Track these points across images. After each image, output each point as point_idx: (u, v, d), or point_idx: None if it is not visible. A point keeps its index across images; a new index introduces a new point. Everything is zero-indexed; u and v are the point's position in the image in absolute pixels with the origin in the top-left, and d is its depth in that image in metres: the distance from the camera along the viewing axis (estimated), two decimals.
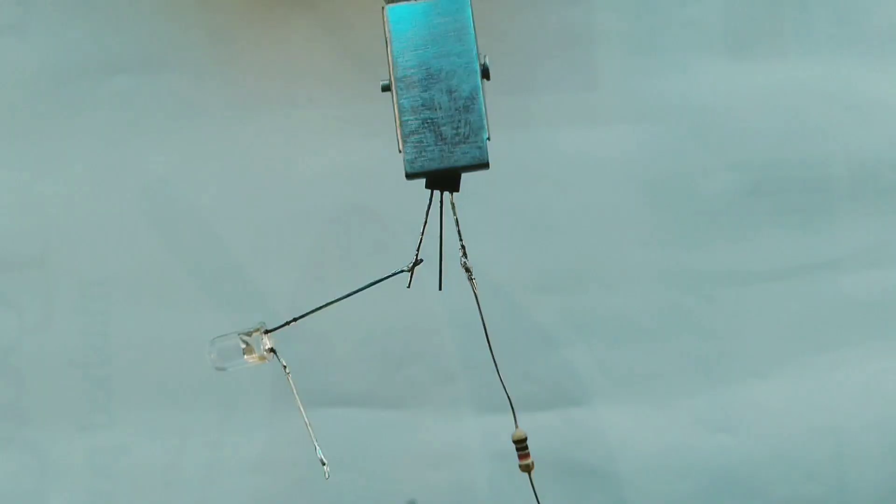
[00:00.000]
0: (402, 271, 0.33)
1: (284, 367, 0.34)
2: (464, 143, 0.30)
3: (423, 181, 0.31)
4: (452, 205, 0.32)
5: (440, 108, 0.30)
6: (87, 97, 0.48)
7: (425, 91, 0.30)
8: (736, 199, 0.48)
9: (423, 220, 0.32)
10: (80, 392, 0.48)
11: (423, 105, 0.30)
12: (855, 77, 0.48)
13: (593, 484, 0.48)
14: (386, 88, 0.31)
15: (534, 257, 0.48)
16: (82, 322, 0.48)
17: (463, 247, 0.33)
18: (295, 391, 0.34)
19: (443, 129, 0.30)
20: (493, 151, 0.30)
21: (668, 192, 0.48)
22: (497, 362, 0.34)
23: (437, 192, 0.32)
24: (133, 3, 0.48)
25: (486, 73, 0.30)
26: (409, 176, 0.30)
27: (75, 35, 0.48)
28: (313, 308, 0.34)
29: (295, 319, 0.34)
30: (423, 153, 0.30)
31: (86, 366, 0.48)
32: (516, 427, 0.34)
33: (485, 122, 0.30)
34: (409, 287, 0.33)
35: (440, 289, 0.34)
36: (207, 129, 0.48)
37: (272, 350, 0.34)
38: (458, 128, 0.30)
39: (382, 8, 0.30)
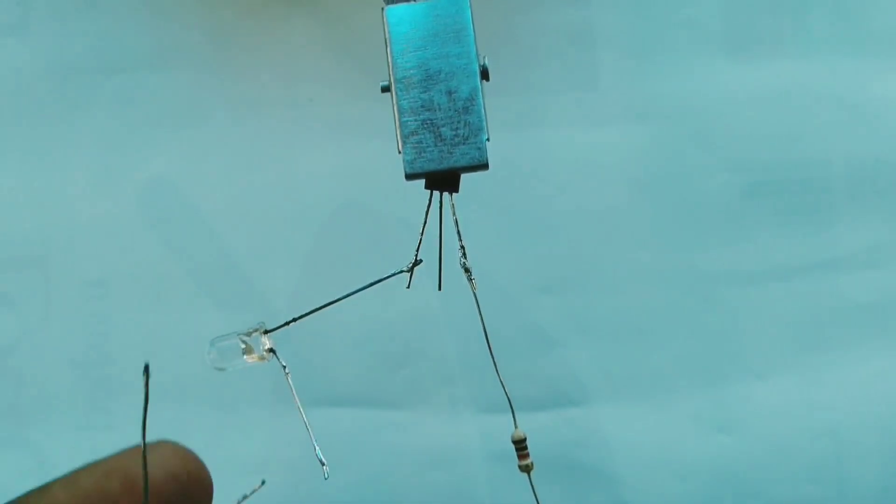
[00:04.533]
0: (401, 271, 0.33)
1: (284, 367, 0.34)
2: (463, 143, 0.30)
3: (422, 182, 0.31)
4: (452, 205, 0.32)
5: (439, 109, 0.30)
6: (87, 97, 0.48)
7: (425, 92, 0.30)
8: (736, 199, 0.48)
9: (423, 221, 0.32)
10: (80, 392, 0.48)
11: (422, 106, 0.30)
12: (854, 77, 0.48)
13: (593, 484, 0.48)
14: (385, 89, 0.31)
15: (534, 257, 0.48)
16: (82, 322, 0.48)
17: (463, 247, 0.33)
18: (294, 391, 0.34)
19: (442, 129, 0.30)
20: (493, 152, 0.30)
21: (669, 192, 0.48)
22: (496, 362, 0.34)
23: (436, 193, 0.32)
24: (133, 3, 0.48)
25: (485, 74, 0.30)
26: (409, 177, 0.30)
27: (75, 35, 0.48)
28: (313, 308, 0.34)
29: (295, 319, 0.34)
30: (423, 154, 0.30)
31: (86, 366, 0.48)
32: (516, 427, 0.34)
33: (484, 123, 0.30)
34: (408, 287, 0.33)
35: (440, 289, 0.34)
36: (207, 128, 0.48)
37: (272, 350, 0.34)
38: (457, 129, 0.30)
39: (382, 9, 0.31)
